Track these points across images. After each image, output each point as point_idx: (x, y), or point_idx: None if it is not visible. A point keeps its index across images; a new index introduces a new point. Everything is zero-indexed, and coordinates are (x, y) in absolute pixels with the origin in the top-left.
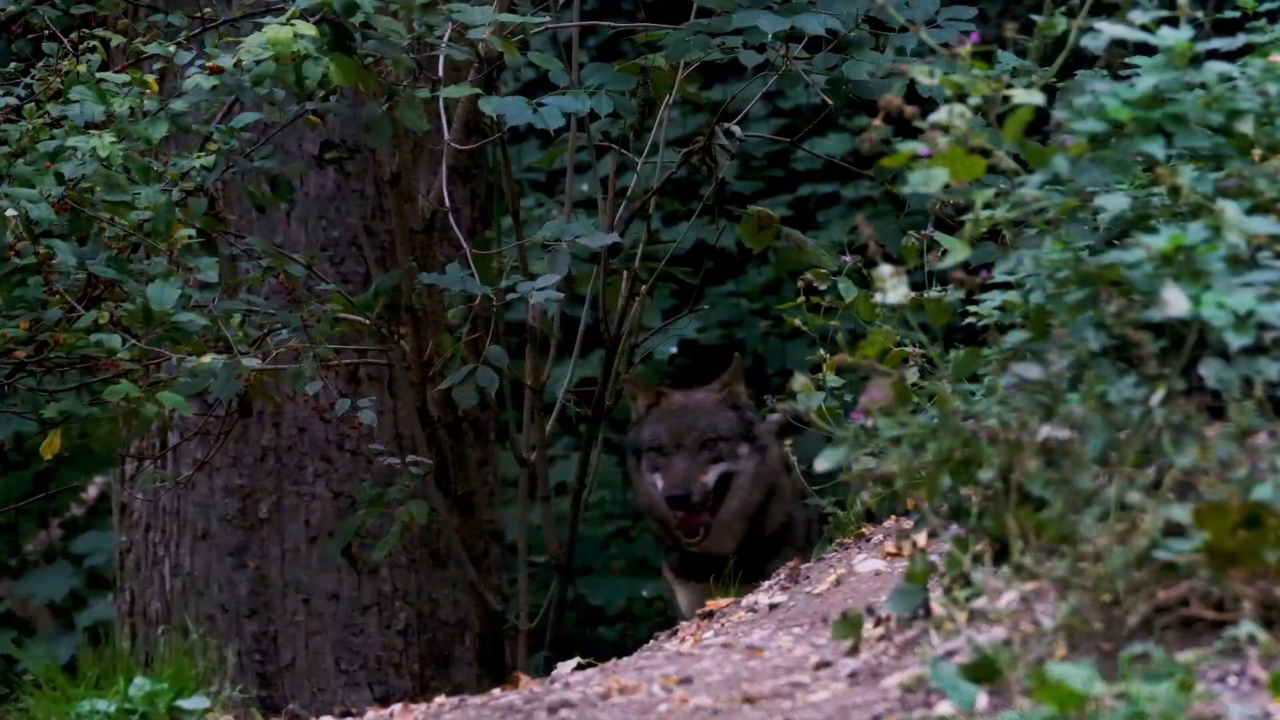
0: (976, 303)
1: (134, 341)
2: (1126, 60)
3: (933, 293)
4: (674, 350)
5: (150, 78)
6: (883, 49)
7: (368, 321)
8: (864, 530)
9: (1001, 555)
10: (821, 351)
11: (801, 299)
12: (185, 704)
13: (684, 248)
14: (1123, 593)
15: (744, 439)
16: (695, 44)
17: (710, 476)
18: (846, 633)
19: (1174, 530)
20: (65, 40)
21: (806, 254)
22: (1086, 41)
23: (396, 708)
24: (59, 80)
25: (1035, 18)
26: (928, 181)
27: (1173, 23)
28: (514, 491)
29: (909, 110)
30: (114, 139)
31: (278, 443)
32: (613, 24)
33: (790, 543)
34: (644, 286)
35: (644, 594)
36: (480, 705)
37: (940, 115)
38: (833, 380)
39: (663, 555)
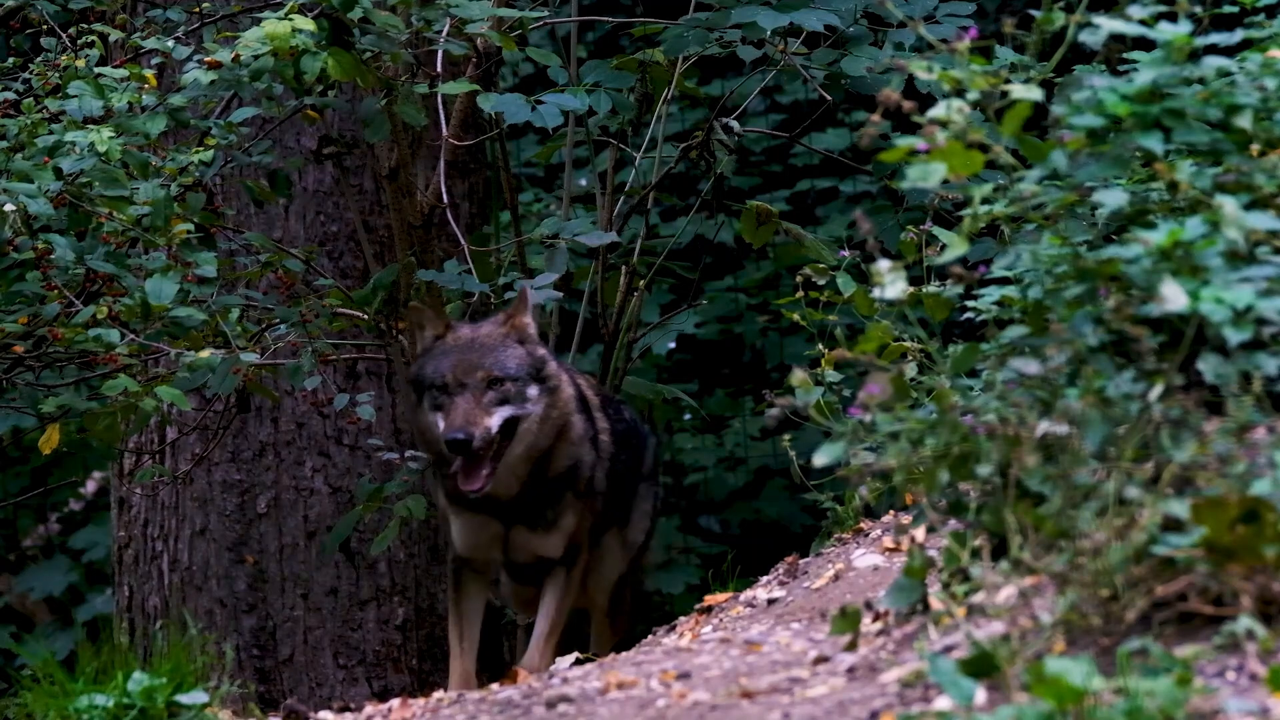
0: (975, 298)
1: (132, 336)
2: (1125, 55)
3: (931, 288)
4: (672, 345)
5: (149, 73)
6: (881, 44)
7: (366, 317)
8: (862, 525)
9: (1000, 550)
10: (820, 346)
11: (800, 294)
12: (184, 699)
13: (682, 243)
14: (1121, 588)
15: (534, 379)
16: (693, 39)
17: (495, 420)
18: (845, 628)
19: (1172, 525)
20: (64, 35)
21: (805, 249)
22: (1085, 36)
23: (395, 702)
24: (57, 75)
25: (1033, 13)
26: (926, 176)
27: (1171, 18)
28: None
29: (907, 105)
30: (112, 134)
31: (276, 438)
32: (611, 19)
33: (573, 487)
34: (642, 282)
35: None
36: (479, 700)
37: (938, 110)
38: (831, 375)
39: (437, 483)
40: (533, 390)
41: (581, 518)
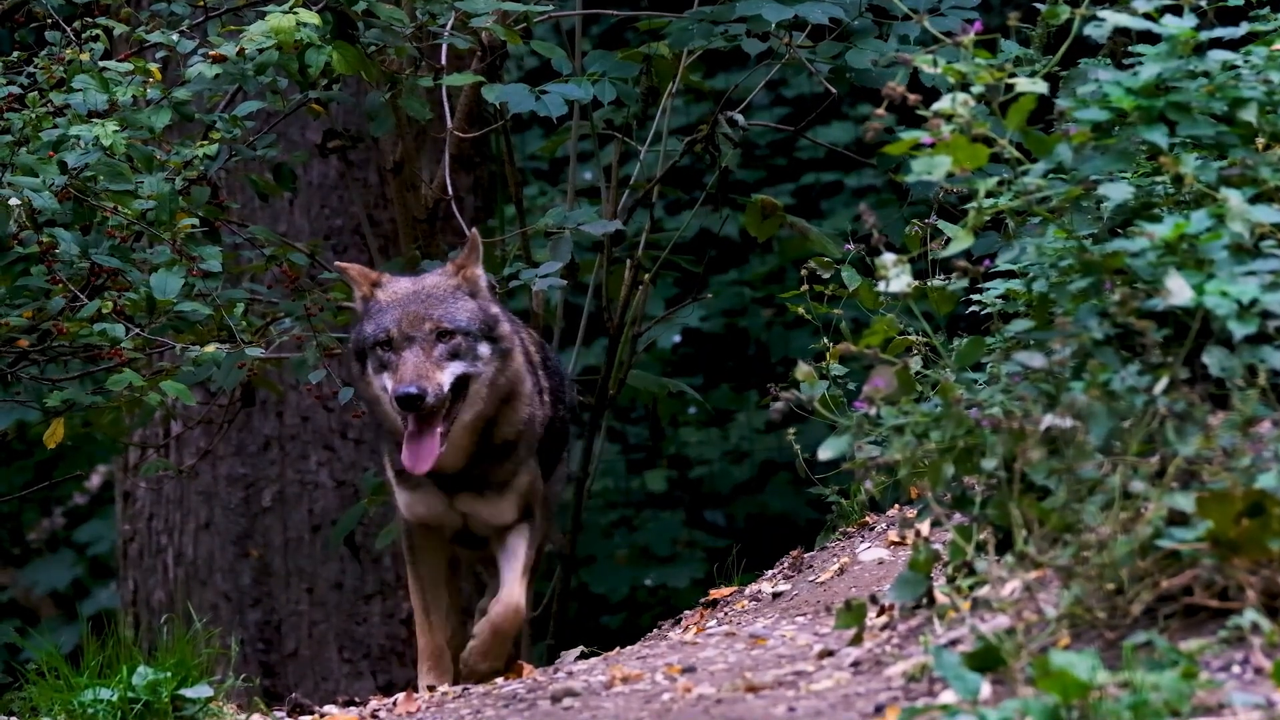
0: (980, 291)
1: (137, 330)
2: (1130, 49)
3: (936, 281)
4: (677, 339)
5: (153, 66)
6: (886, 37)
7: None
8: (867, 519)
9: (1005, 544)
10: (825, 340)
11: (805, 287)
12: (188, 693)
13: (687, 236)
14: (1126, 581)
15: (486, 337)
16: (698, 32)
17: (447, 376)
18: (850, 621)
19: (1177, 519)
20: (68, 29)
21: (810, 242)
22: (1090, 30)
23: (400, 696)
24: (62, 69)
25: (1038, 6)
26: (931, 170)
27: (1176, 11)
28: None
29: (912, 99)
30: (117, 128)
31: (281, 431)
32: (616, 11)
33: (515, 455)
34: (647, 275)
35: (647, 583)
36: (484, 694)
37: (943, 104)
38: (836, 369)
39: (386, 453)
40: (484, 349)
41: (535, 477)
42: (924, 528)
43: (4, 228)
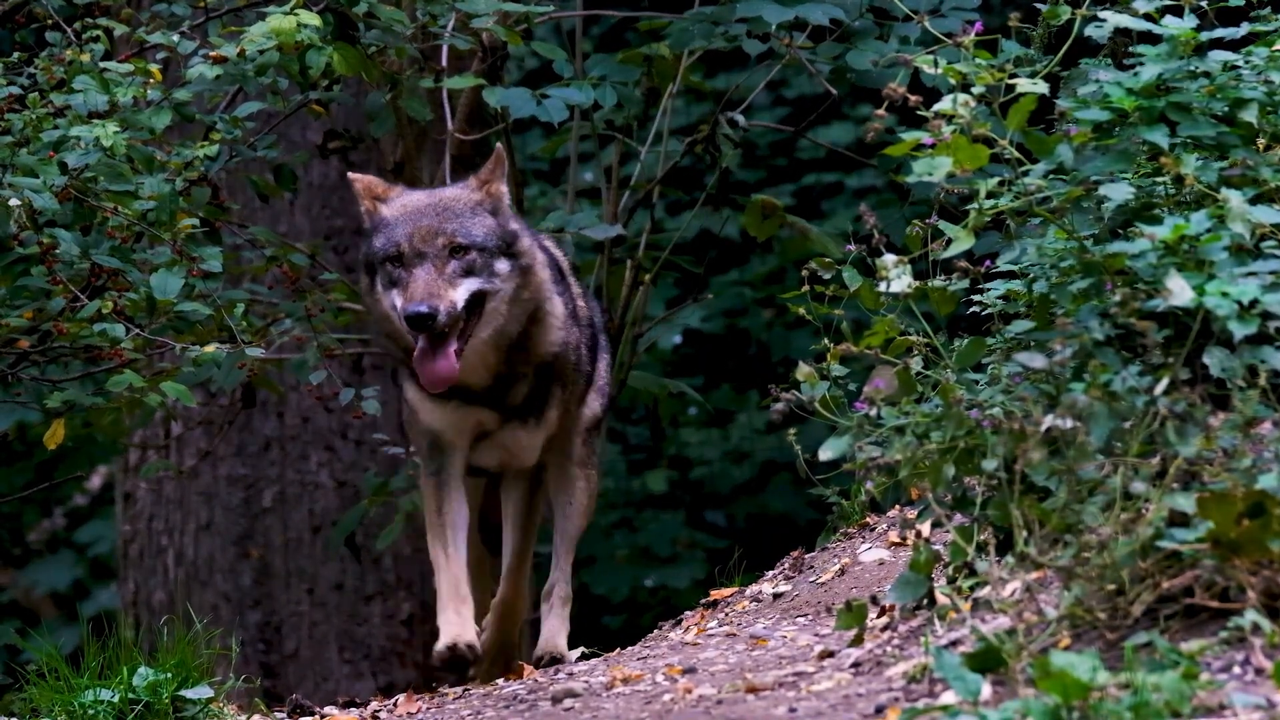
0: (980, 292)
1: (138, 331)
2: (1130, 49)
3: (937, 282)
4: (678, 339)
5: (154, 67)
6: (886, 38)
7: None
8: (868, 520)
9: (1006, 545)
10: (826, 340)
11: (805, 288)
12: (189, 694)
13: (688, 237)
14: (1127, 582)
15: (504, 253)
16: (699, 33)
17: (460, 293)
18: (850, 622)
19: (1178, 520)
20: (69, 29)
21: (811, 243)
22: (1090, 30)
23: (400, 698)
24: (62, 69)
25: (1039, 6)
26: (932, 170)
27: (1176, 11)
28: None
29: (913, 99)
30: (117, 128)
31: (281, 432)
32: (616, 12)
33: (560, 377)
34: (647, 275)
35: (648, 583)
36: (484, 695)
37: (944, 104)
38: (837, 369)
39: (406, 379)
40: (502, 265)
41: (564, 412)
42: (925, 528)
43: (4, 228)
